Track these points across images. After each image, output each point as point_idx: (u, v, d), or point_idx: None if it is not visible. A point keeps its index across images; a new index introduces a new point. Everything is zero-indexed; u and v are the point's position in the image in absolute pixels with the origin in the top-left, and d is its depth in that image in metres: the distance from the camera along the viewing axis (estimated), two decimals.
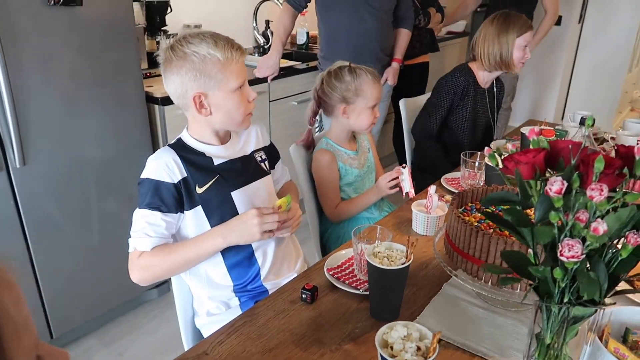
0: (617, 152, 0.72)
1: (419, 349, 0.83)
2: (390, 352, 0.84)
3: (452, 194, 1.67)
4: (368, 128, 1.72)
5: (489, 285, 1.04)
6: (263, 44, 3.27)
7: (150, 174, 1.18)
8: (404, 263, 1.01)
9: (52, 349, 0.48)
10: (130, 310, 2.31)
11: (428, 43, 3.26)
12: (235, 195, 1.27)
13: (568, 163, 0.72)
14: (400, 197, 1.64)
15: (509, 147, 0.78)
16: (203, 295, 1.31)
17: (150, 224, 1.17)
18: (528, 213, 0.82)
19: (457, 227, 1.07)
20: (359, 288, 1.15)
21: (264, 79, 2.57)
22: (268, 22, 3.27)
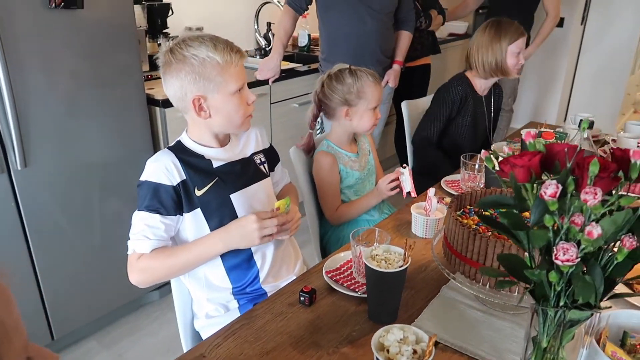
0: (612, 155, 0.72)
1: (415, 352, 0.83)
2: (387, 355, 0.84)
3: (452, 196, 1.67)
4: (370, 130, 1.72)
5: (487, 288, 1.04)
6: (264, 46, 3.28)
7: (149, 177, 1.19)
8: (402, 266, 1.01)
9: (42, 351, 0.48)
10: (131, 312, 2.32)
11: (429, 45, 3.26)
12: (235, 198, 1.27)
13: (564, 166, 0.72)
14: (401, 199, 1.64)
15: (506, 149, 0.77)
16: (202, 298, 1.31)
17: (149, 227, 1.17)
18: (527, 216, 0.82)
19: (455, 229, 1.07)
20: (357, 291, 1.15)
21: (265, 81, 2.57)
22: (269, 24, 3.28)
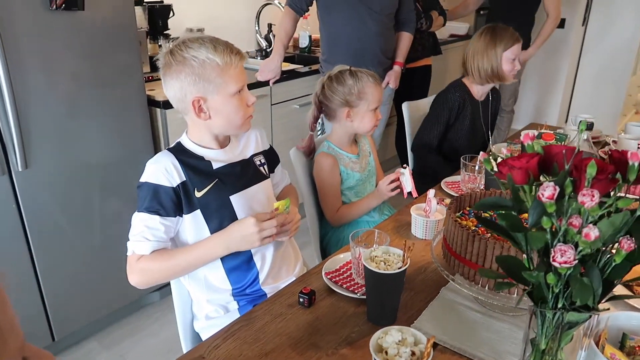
0: (610, 157, 0.72)
1: (414, 354, 0.83)
2: (385, 356, 0.84)
3: (452, 198, 1.66)
4: (371, 130, 1.72)
5: (486, 290, 1.04)
6: (265, 48, 3.28)
7: (149, 178, 1.19)
8: (401, 267, 1.01)
9: (38, 351, 0.48)
10: (132, 313, 2.32)
11: (430, 46, 3.26)
12: (234, 199, 1.28)
13: (562, 168, 0.72)
14: (401, 200, 1.63)
15: (504, 151, 0.78)
16: (202, 299, 1.32)
17: (149, 228, 1.17)
18: (525, 218, 0.82)
19: (454, 231, 1.07)
20: (357, 292, 1.15)
21: (266, 83, 2.57)
22: (270, 25, 3.28)
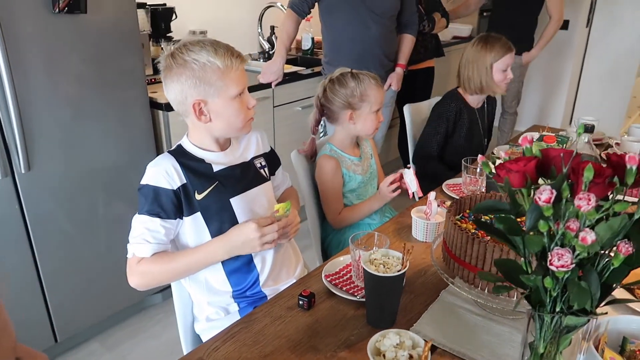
0: (608, 160, 0.71)
1: (411, 357, 0.83)
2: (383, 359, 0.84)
3: (453, 200, 1.66)
4: (373, 133, 1.72)
5: (485, 293, 1.04)
6: (268, 50, 3.29)
7: (150, 181, 1.19)
8: (400, 270, 1.01)
9: (30, 352, 0.48)
10: (134, 315, 2.33)
11: (433, 48, 3.26)
12: (234, 202, 1.28)
13: (560, 171, 0.72)
14: (403, 202, 1.63)
15: (502, 154, 0.77)
16: (202, 301, 1.32)
17: (150, 230, 1.18)
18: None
19: (453, 234, 1.07)
20: (356, 295, 1.15)
21: (268, 85, 2.58)
22: (273, 27, 3.29)
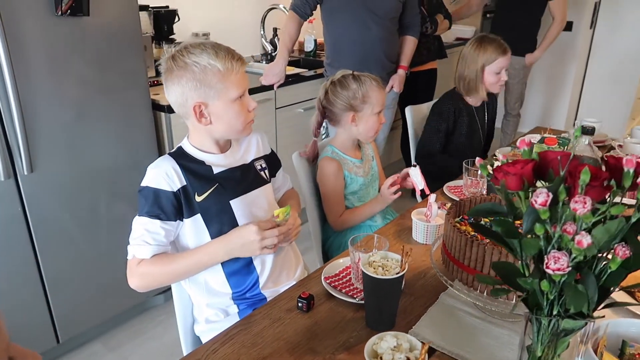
0: (606, 163, 0.71)
1: None
2: None
3: (453, 202, 1.66)
4: (374, 135, 1.71)
5: (484, 296, 1.03)
6: (270, 52, 3.29)
7: (150, 182, 1.20)
8: (399, 273, 1.01)
9: (24, 351, 0.48)
10: (136, 316, 2.33)
11: (436, 50, 3.26)
12: (234, 204, 1.28)
13: (557, 174, 0.72)
14: (404, 204, 1.63)
15: (500, 157, 0.77)
16: (202, 303, 1.32)
17: (150, 232, 1.18)
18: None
19: (452, 236, 1.06)
20: (356, 297, 1.15)
21: (270, 87, 2.58)
22: (276, 29, 3.29)
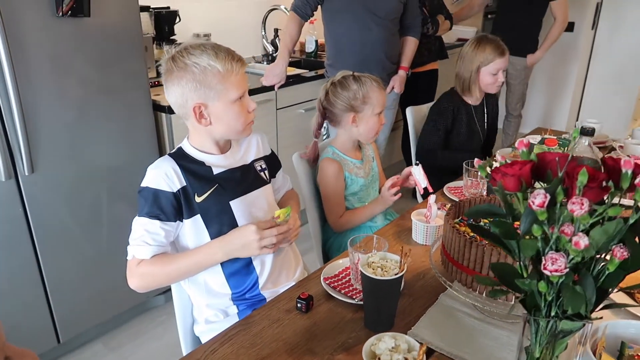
0: (604, 164, 0.71)
1: None
2: None
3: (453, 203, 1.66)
4: (375, 136, 1.72)
5: (483, 297, 1.03)
6: (271, 52, 3.29)
7: (150, 183, 1.20)
8: (397, 274, 1.01)
9: (19, 351, 0.49)
10: (137, 316, 2.34)
11: (437, 50, 3.25)
12: (234, 205, 1.28)
13: (555, 175, 0.72)
14: (404, 204, 1.63)
15: (498, 158, 0.77)
16: (202, 303, 1.32)
17: (149, 233, 1.18)
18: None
19: (452, 237, 1.06)
20: (355, 298, 1.15)
21: (271, 87, 2.58)
22: (277, 30, 3.30)
